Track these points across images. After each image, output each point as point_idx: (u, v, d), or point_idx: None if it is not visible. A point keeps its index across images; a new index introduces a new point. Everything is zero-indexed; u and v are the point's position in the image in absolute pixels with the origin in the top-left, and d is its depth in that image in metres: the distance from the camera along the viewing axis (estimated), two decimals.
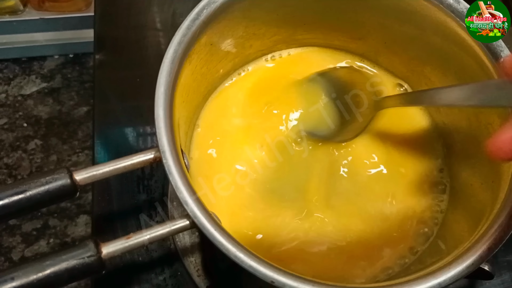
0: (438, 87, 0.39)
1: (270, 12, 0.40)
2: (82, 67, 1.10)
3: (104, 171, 0.31)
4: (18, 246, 0.92)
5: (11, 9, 0.96)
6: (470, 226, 0.34)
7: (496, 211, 0.31)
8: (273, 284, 0.27)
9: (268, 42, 0.44)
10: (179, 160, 0.30)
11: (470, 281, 0.44)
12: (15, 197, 0.29)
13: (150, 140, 0.49)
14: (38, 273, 0.27)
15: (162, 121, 0.31)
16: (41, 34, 1.03)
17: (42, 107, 1.05)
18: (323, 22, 0.42)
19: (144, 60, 0.53)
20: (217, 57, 0.40)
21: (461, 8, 0.35)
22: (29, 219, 0.94)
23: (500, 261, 0.44)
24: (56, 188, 0.29)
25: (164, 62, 0.33)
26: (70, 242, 0.93)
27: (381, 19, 0.41)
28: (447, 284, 0.29)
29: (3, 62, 1.09)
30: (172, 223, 0.30)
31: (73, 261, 0.28)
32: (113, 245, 0.29)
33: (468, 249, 0.30)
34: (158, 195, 0.46)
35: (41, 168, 0.99)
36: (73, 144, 1.02)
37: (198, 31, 0.34)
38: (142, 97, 0.50)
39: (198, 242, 0.44)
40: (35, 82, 1.08)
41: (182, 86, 0.34)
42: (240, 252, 0.28)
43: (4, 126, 1.03)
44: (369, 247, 0.39)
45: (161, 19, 0.56)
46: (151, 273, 0.43)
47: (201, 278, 0.42)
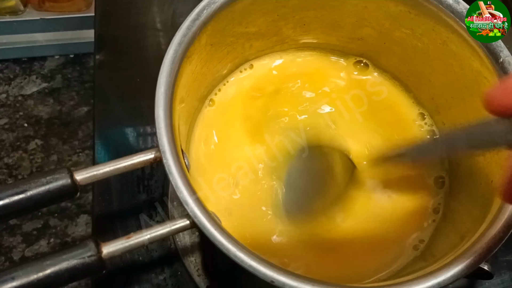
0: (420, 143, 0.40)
1: (270, 12, 0.40)
2: (83, 67, 1.10)
3: (105, 171, 0.31)
4: (18, 246, 0.92)
5: (11, 9, 0.96)
6: (470, 226, 0.34)
7: (496, 211, 0.31)
8: (273, 283, 0.27)
9: (268, 42, 0.44)
10: (179, 160, 0.30)
11: (470, 281, 0.44)
12: (16, 197, 0.29)
13: (150, 140, 0.49)
14: (38, 273, 0.27)
15: (162, 121, 0.31)
16: (41, 34, 1.03)
17: (42, 107, 1.05)
18: (323, 22, 0.42)
19: (144, 60, 0.53)
20: (217, 57, 0.40)
21: (461, 8, 0.35)
22: (29, 219, 0.94)
23: (500, 261, 0.45)
24: (57, 188, 0.29)
25: (164, 62, 0.33)
26: (70, 242, 0.93)
27: (381, 20, 0.41)
28: (447, 283, 0.29)
29: (4, 62, 1.09)
30: (172, 223, 0.30)
31: (74, 261, 0.28)
32: (114, 245, 0.29)
33: (468, 249, 0.30)
34: (158, 195, 0.46)
35: (42, 168, 0.99)
36: (73, 144, 1.02)
37: (198, 31, 0.34)
38: (142, 97, 0.50)
39: (198, 242, 0.44)
40: (36, 82, 1.08)
41: (182, 86, 0.34)
42: (240, 252, 0.28)
43: (5, 126, 1.03)
44: (369, 247, 0.39)
45: (161, 19, 0.56)
46: (151, 273, 0.43)
47: (201, 278, 0.42)
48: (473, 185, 0.37)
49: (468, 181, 0.39)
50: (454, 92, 0.39)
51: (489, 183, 0.35)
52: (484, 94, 0.24)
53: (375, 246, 0.39)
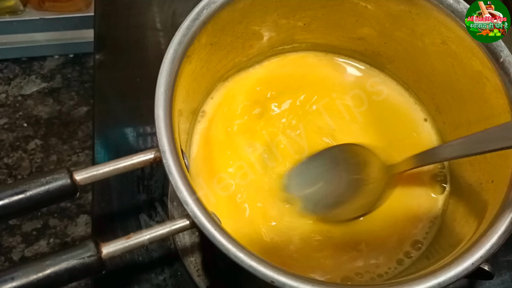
0: (445, 144, 0.40)
1: (270, 12, 0.40)
2: (82, 67, 1.10)
3: (105, 171, 0.31)
4: (18, 246, 0.92)
5: (11, 9, 0.96)
6: (470, 226, 0.34)
7: (496, 211, 0.31)
8: (273, 284, 0.27)
9: (268, 42, 0.44)
10: (179, 160, 0.30)
11: (470, 281, 0.44)
12: (15, 197, 0.29)
13: (150, 140, 0.49)
14: (38, 273, 0.27)
15: (162, 121, 0.31)
16: (41, 34, 1.03)
17: (42, 107, 1.05)
18: (323, 22, 0.42)
19: (144, 60, 0.53)
20: (217, 57, 0.40)
21: (461, 8, 0.35)
22: (29, 219, 0.94)
23: (500, 261, 0.44)
24: (56, 188, 0.29)
25: (164, 62, 0.33)
26: (70, 242, 0.93)
27: (382, 19, 0.41)
28: (447, 284, 0.28)
29: (3, 62, 1.09)
30: (172, 223, 0.30)
31: (73, 261, 0.28)
32: (113, 245, 0.29)
33: (468, 249, 0.30)
34: (158, 195, 0.46)
35: (41, 168, 0.99)
36: (73, 144, 1.02)
37: (198, 31, 0.34)
38: (142, 97, 0.50)
39: (198, 242, 0.44)
40: (35, 82, 1.08)
41: (182, 86, 0.34)
42: (240, 252, 0.28)
43: (4, 126, 1.03)
44: (369, 246, 0.39)
45: (161, 19, 0.56)
46: (151, 273, 0.43)
47: (201, 278, 0.42)
48: (474, 185, 0.37)
49: (468, 181, 0.39)
50: (455, 92, 0.39)
51: (489, 183, 0.35)
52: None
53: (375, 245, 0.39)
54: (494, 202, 0.32)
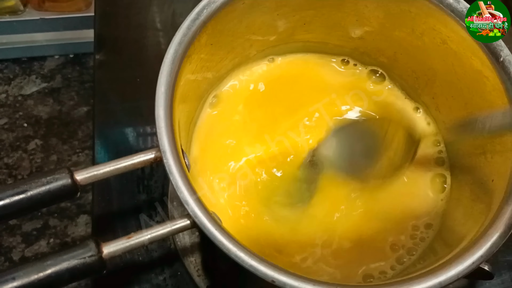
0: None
1: (270, 12, 0.40)
2: (82, 67, 1.10)
3: (105, 171, 0.31)
4: (18, 246, 0.92)
5: (11, 9, 0.96)
6: (470, 226, 0.34)
7: (497, 211, 0.31)
8: (274, 283, 0.27)
9: (268, 42, 0.44)
10: (179, 160, 0.30)
11: (470, 281, 0.44)
12: (16, 197, 0.29)
13: (150, 140, 0.49)
14: (39, 273, 0.27)
15: (162, 121, 0.31)
16: (41, 34, 1.03)
17: (42, 107, 1.05)
18: (323, 21, 0.42)
19: (144, 60, 0.53)
20: (217, 57, 0.40)
21: (461, 8, 0.35)
22: (29, 219, 0.94)
23: (500, 261, 0.44)
24: (57, 188, 0.29)
25: (164, 62, 0.33)
26: (70, 242, 0.93)
27: (381, 19, 0.41)
28: (447, 283, 0.29)
29: (3, 62, 1.09)
30: (172, 223, 0.30)
31: (74, 261, 0.28)
32: (114, 245, 0.29)
33: (468, 249, 0.30)
34: (158, 195, 0.46)
35: (41, 168, 0.99)
36: (73, 144, 1.02)
37: (198, 31, 0.34)
38: (142, 97, 0.50)
39: (198, 242, 0.44)
40: (35, 82, 1.08)
41: (182, 86, 0.34)
42: (241, 252, 0.28)
43: (4, 126, 1.03)
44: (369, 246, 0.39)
45: (161, 19, 0.56)
46: (151, 273, 0.43)
47: (201, 278, 0.42)
48: (474, 185, 0.37)
49: (469, 180, 0.39)
50: (455, 91, 0.39)
51: (490, 182, 0.35)
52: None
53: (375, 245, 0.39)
54: (494, 201, 0.32)
